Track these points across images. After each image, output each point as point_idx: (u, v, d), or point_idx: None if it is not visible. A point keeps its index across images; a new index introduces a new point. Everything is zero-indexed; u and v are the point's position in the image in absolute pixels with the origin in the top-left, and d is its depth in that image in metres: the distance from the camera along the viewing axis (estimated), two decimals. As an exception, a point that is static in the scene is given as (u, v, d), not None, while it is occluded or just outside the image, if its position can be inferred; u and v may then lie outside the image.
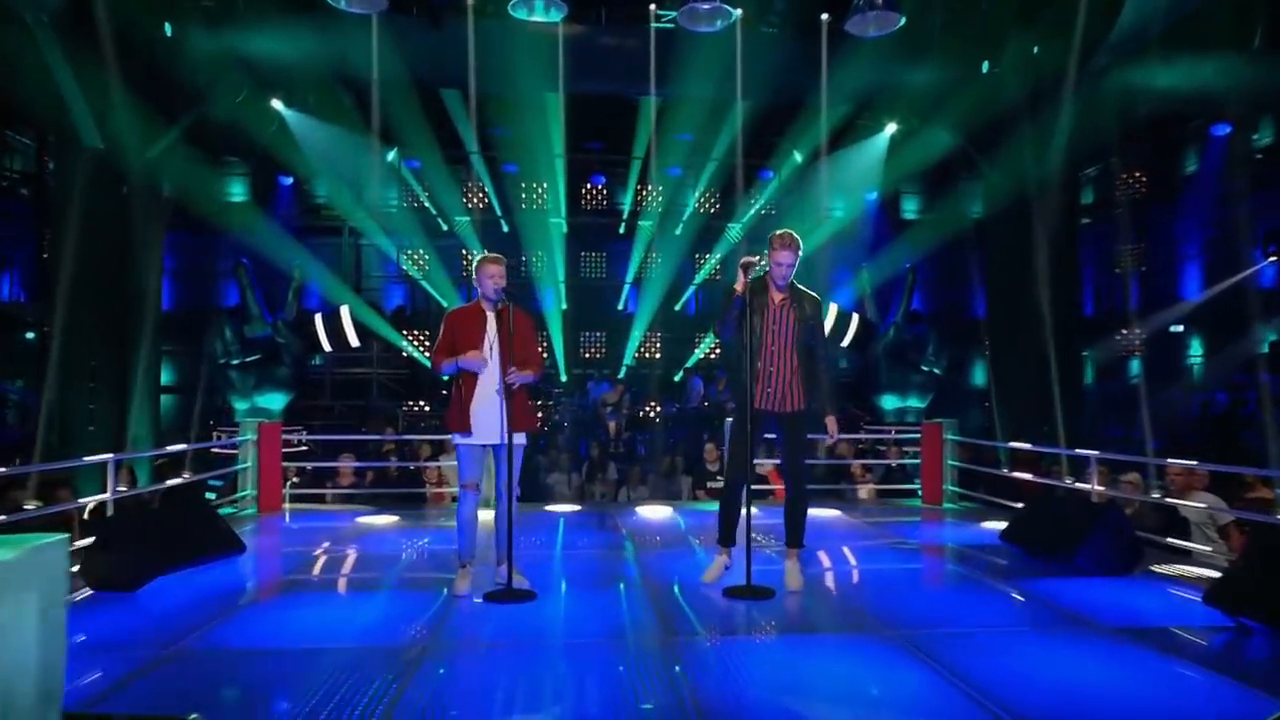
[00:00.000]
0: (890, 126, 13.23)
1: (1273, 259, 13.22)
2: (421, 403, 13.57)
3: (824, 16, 10.03)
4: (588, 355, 16.74)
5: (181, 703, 3.05)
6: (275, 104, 11.76)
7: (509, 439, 4.22)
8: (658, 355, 16.27)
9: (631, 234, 15.80)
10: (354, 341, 12.72)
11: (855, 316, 14.03)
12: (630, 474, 9.59)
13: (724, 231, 15.76)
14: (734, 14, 9.49)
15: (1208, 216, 14.60)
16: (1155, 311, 14.82)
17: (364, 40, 9.57)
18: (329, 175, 13.60)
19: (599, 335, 16.82)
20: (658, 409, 13.27)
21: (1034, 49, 10.47)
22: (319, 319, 12.69)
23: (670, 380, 15.68)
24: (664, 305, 15.65)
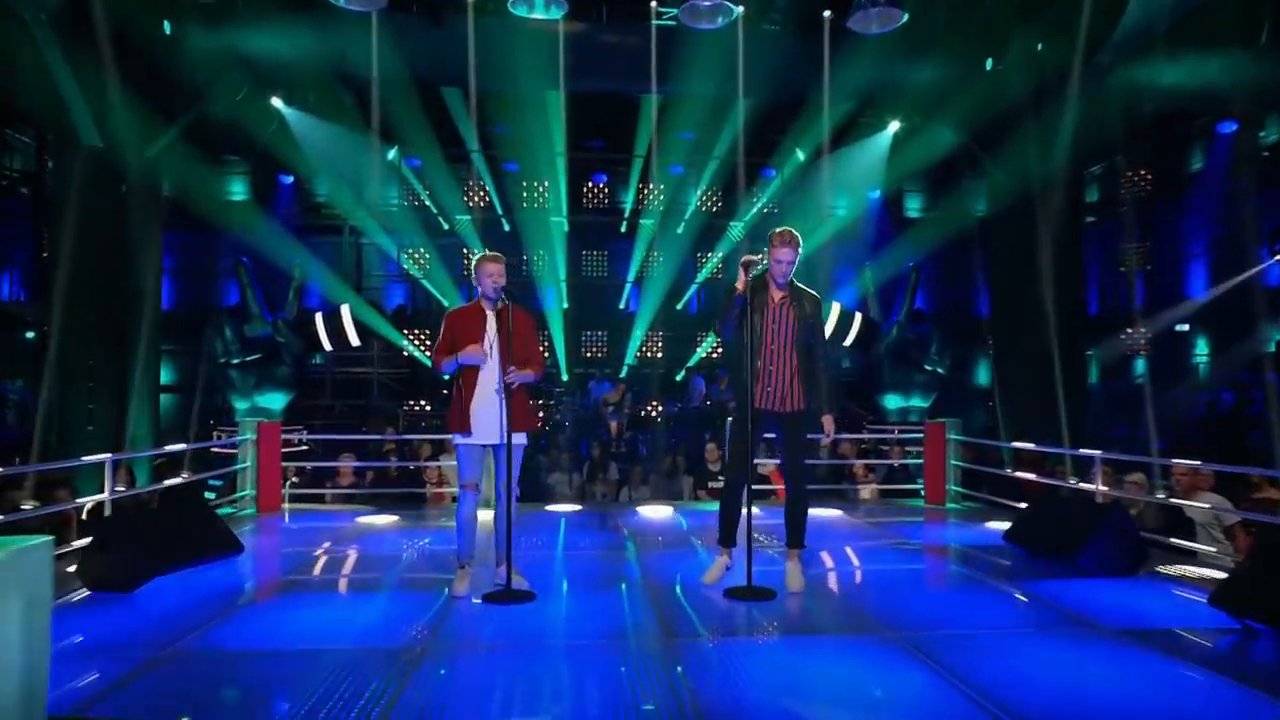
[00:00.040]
0: (893, 124, 13.19)
1: (1279, 257, 13.15)
2: (422, 402, 13.56)
3: (826, 13, 10.01)
4: (589, 354, 16.72)
5: (177, 705, 3.02)
6: (275, 102, 11.74)
7: (508, 439, 4.20)
8: (659, 354, 16.25)
9: (633, 233, 15.78)
10: (354, 341, 12.71)
11: (858, 315, 13.97)
12: (632, 474, 9.54)
13: (726, 230, 15.72)
14: (735, 11, 9.47)
15: (1214, 214, 14.53)
16: (1160, 310, 14.72)
17: (364, 38, 9.56)
18: (329, 174, 13.59)
19: (600, 334, 16.80)
20: (659, 408, 13.24)
21: (1038, 45, 10.42)
22: (319, 318, 12.67)
23: (672, 380, 15.67)
24: (666, 304, 15.61)
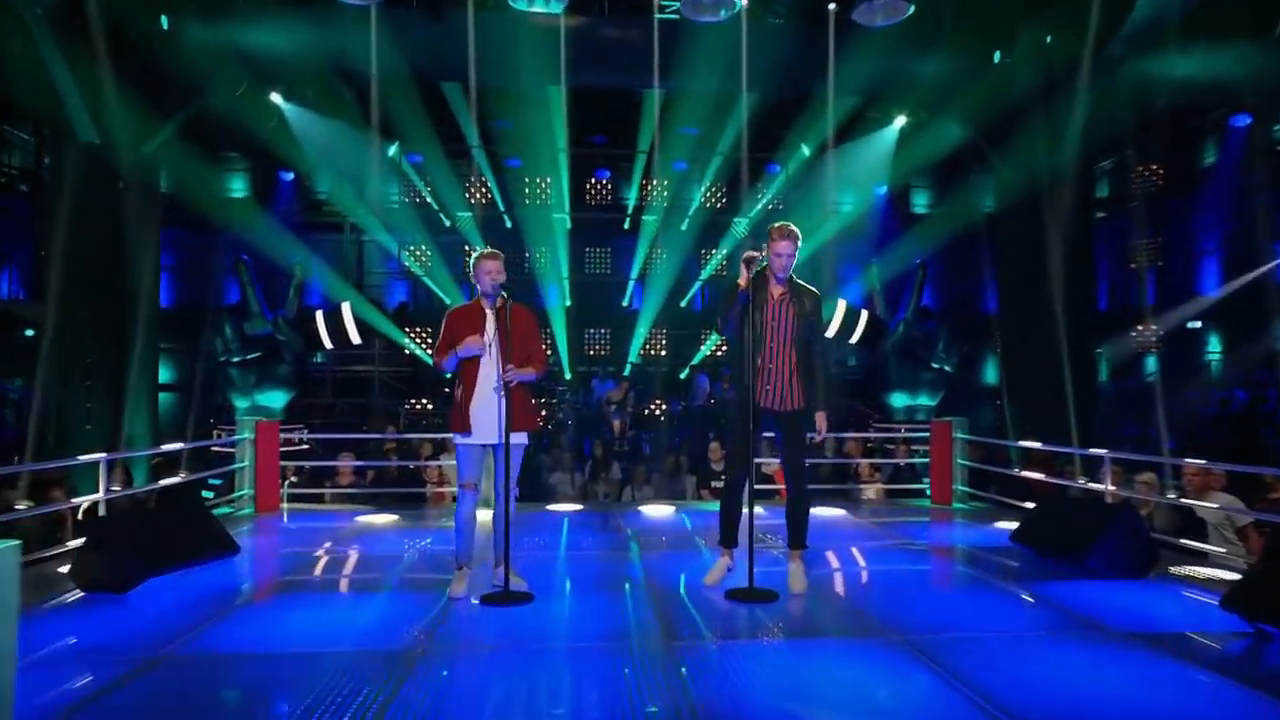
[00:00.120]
0: (899, 119, 13.05)
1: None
2: (423, 401, 13.51)
3: (831, 6, 9.91)
4: (592, 352, 16.68)
5: (169, 709, 2.98)
6: (274, 98, 11.67)
7: (506, 438, 4.18)
8: (663, 352, 16.21)
9: (636, 229, 15.72)
10: (355, 339, 12.64)
11: (864, 313, 13.82)
12: (635, 473, 9.45)
13: (730, 226, 15.63)
14: (738, 4, 9.41)
15: (1227, 210, 14.37)
16: (1172, 307, 14.61)
17: (363, 33, 9.49)
18: (330, 170, 13.54)
19: (603, 332, 16.76)
20: (663, 407, 13.17)
21: (1047, 38, 10.30)
22: (320, 316, 12.59)
23: (676, 378, 15.65)
24: (669, 301, 15.57)
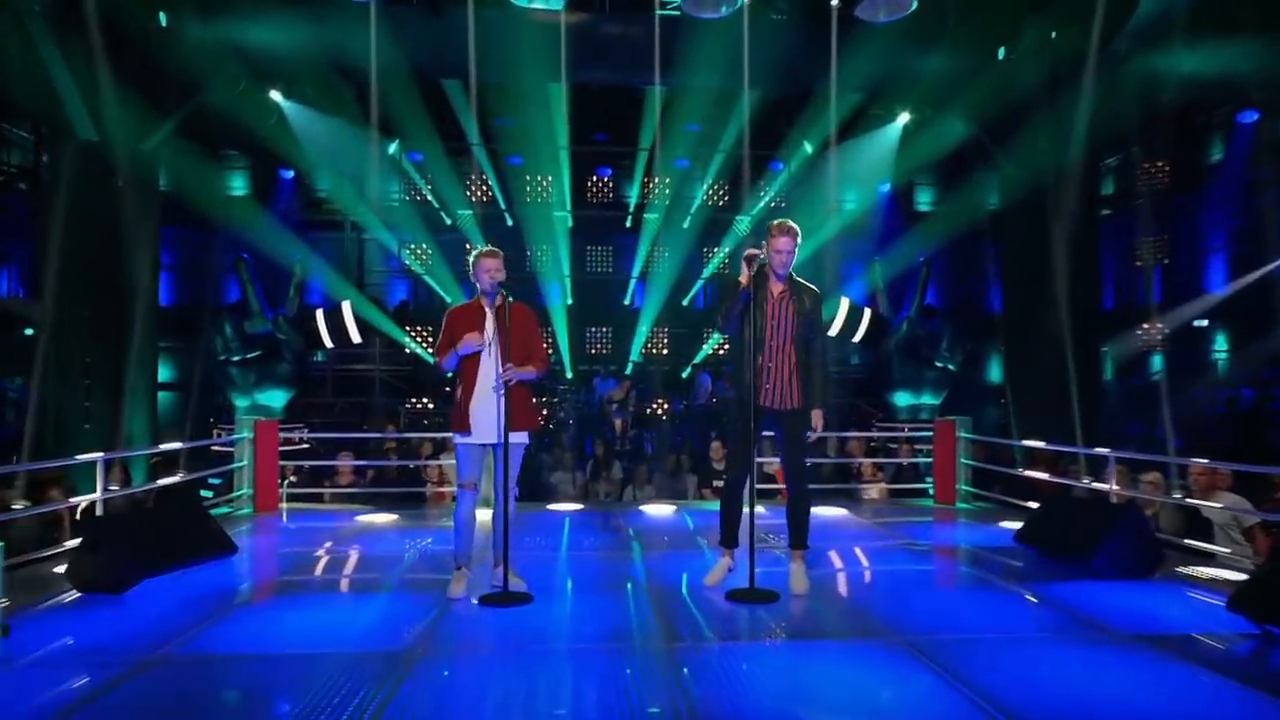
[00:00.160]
0: (903, 115, 12.99)
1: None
2: (424, 400, 13.47)
3: (833, 1, 9.80)
4: (593, 351, 16.64)
5: (163, 710, 2.96)
6: (274, 95, 11.62)
7: (505, 438, 4.16)
8: (665, 351, 16.15)
9: (638, 227, 15.65)
10: (356, 337, 12.59)
11: (867, 311, 13.73)
12: (636, 473, 9.39)
13: (732, 224, 15.55)
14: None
15: (1233, 207, 14.26)
16: (1178, 305, 14.49)
17: (362, 29, 9.42)
18: (330, 168, 13.50)
19: (605, 331, 16.71)
20: (665, 406, 13.12)
21: (1052, 34, 10.25)
22: (320, 315, 12.54)
23: (678, 377, 15.59)
24: (671, 300, 15.51)
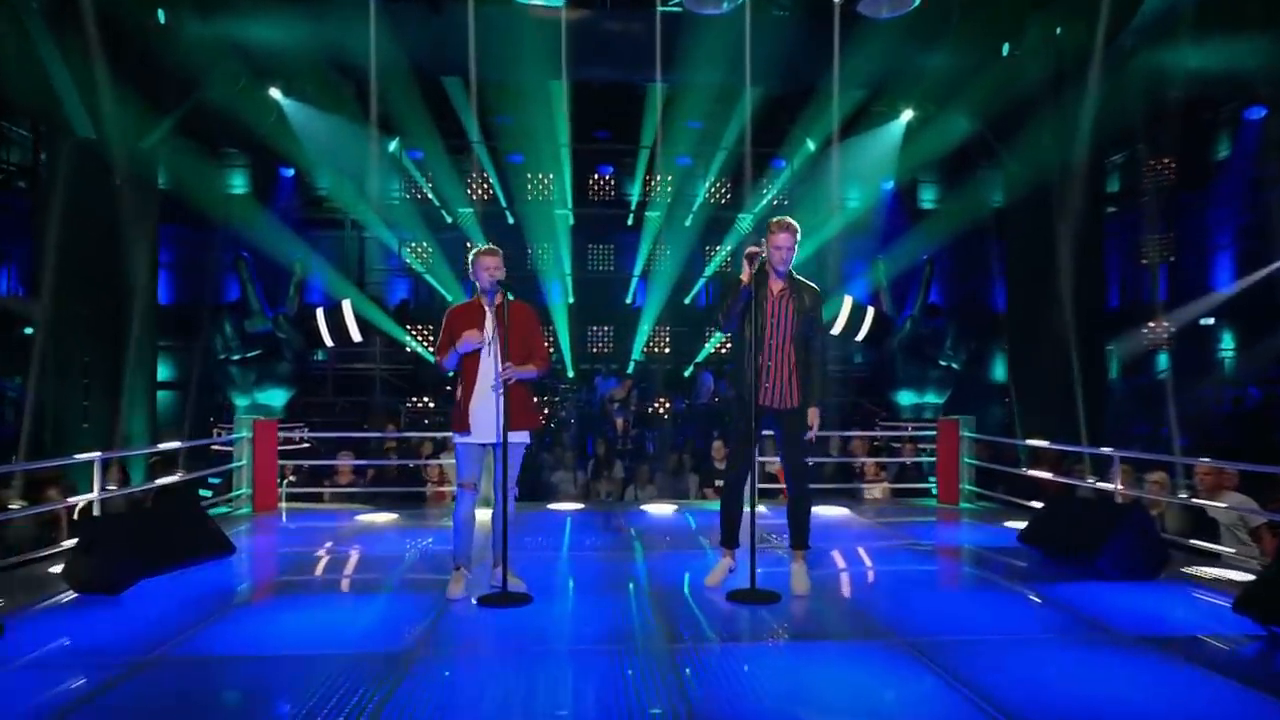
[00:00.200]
0: (906, 113, 12.91)
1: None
2: (425, 399, 13.42)
3: (836, -3, 9.70)
4: (595, 350, 16.58)
5: (158, 712, 2.94)
6: (274, 93, 11.57)
7: (504, 437, 4.15)
8: (666, 350, 16.09)
9: (640, 225, 15.57)
10: (356, 336, 12.54)
11: (870, 310, 13.65)
12: (638, 472, 9.33)
13: (735, 222, 15.48)
14: (741, -6, 9.22)
15: (1240, 204, 14.15)
16: (1184, 303, 14.40)
17: (362, 26, 9.33)
18: (330, 167, 13.45)
19: (606, 329, 16.65)
20: (666, 405, 13.06)
21: (1056, 29, 10.16)
22: (320, 313, 12.49)
23: (679, 375, 15.52)
24: (673, 298, 15.44)
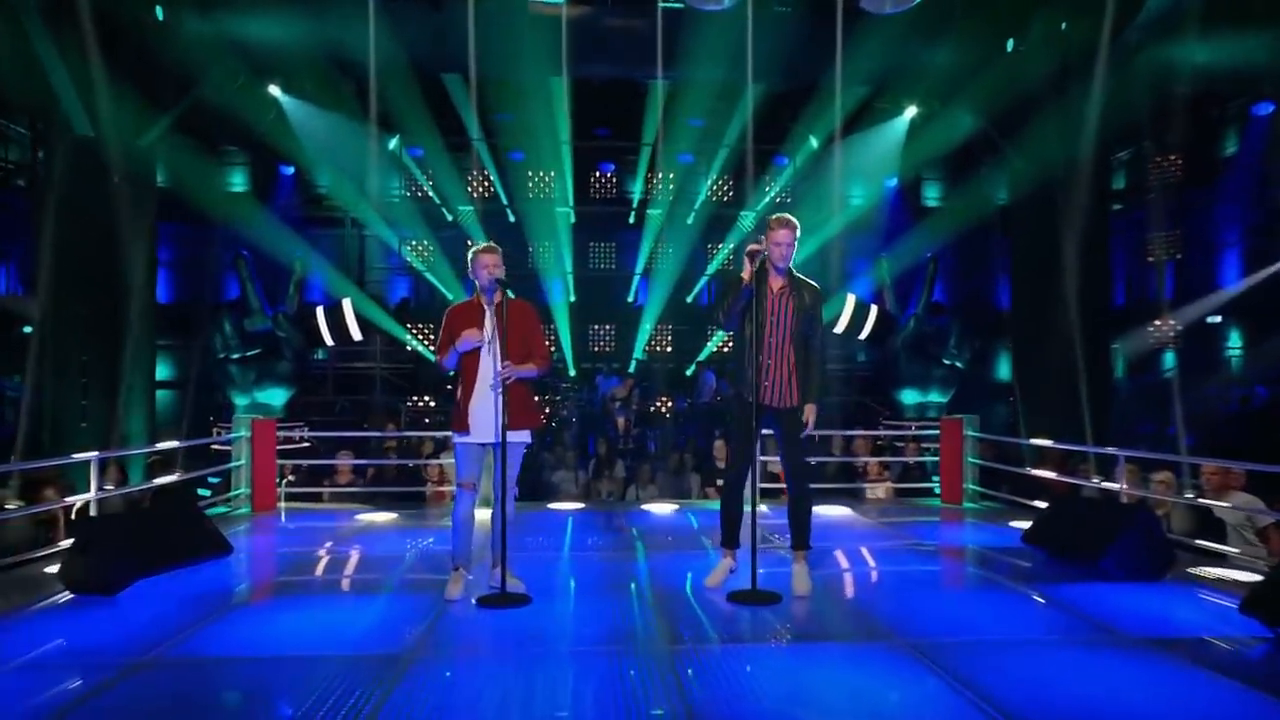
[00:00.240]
0: (910, 109, 12.85)
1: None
2: (425, 399, 13.37)
3: (838, -8, 9.63)
4: (596, 349, 16.50)
5: (152, 714, 2.92)
6: (273, 90, 11.53)
7: (503, 437, 4.13)
8: (669, 349, 16.02)
9: (641, 223, 15.47)
10: (356, 335, 12.48)
11: (874, 308, 13.57)
12: (639, 472, 9.28)
13: (737, 220, 15.40)
14: (743, -10, 9.15)
15: (1248, 201, 14.07)
16: (1191, 301, 14.31)
17: (361, 23, 9.29)
18: (330, 164, 13.41)
19: (608, 328, 16.58)
20: (668, 404, 13.01)
21: (1062, 25, 10.10)
22: (321, 312, 12.44)
23: (681, 374, 15.46)
24: (675, 296, 15.37)
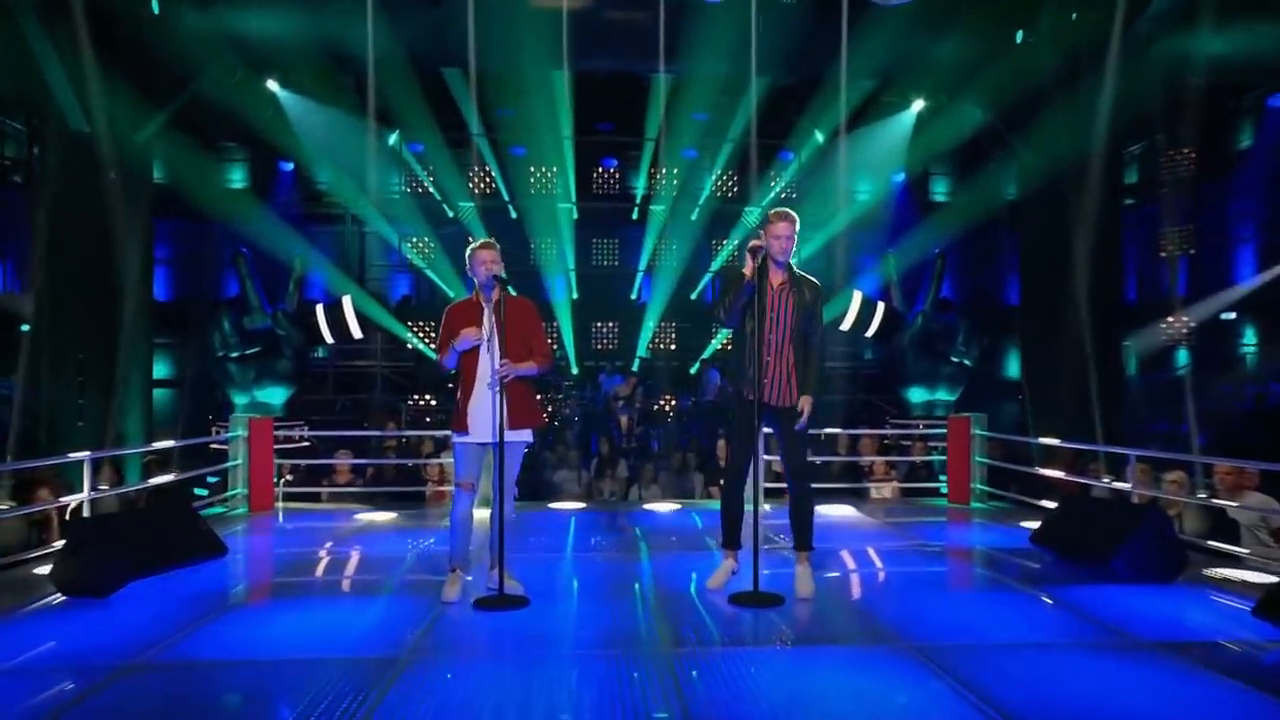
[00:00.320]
0: (917, 103, 12.75)
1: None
2: (426, 397, 13.30)
3: (844, -16, 9.49)
4: (599, 346, 16.47)
5: (145, 716, 2.88)
6: (271, 85, 11.44)
7: (501, 437, 4.06)
8: (672, 346, 15.97)
9: (644, 219, 15.42)
10: (357, 333, 12.40)
11: (881, 305, 13.44)
12: (642, 471, 9.18)
13: (741, 216, 15.29)
14: (747, -18, 9.02)
15: (1263, 195, 13.99)
16: (1205, 297, 14.17)
17: (360, 17, 9.20)
18: (329, 160, 13.34)
19: (611, 325, 16.54)
20: (672, 403, 12.91)
21: (1072, 15, 9.98)
22: (320, 310, 12.35)
23: (685, 372, 15.38)
24: (678, 293, 15.33)
